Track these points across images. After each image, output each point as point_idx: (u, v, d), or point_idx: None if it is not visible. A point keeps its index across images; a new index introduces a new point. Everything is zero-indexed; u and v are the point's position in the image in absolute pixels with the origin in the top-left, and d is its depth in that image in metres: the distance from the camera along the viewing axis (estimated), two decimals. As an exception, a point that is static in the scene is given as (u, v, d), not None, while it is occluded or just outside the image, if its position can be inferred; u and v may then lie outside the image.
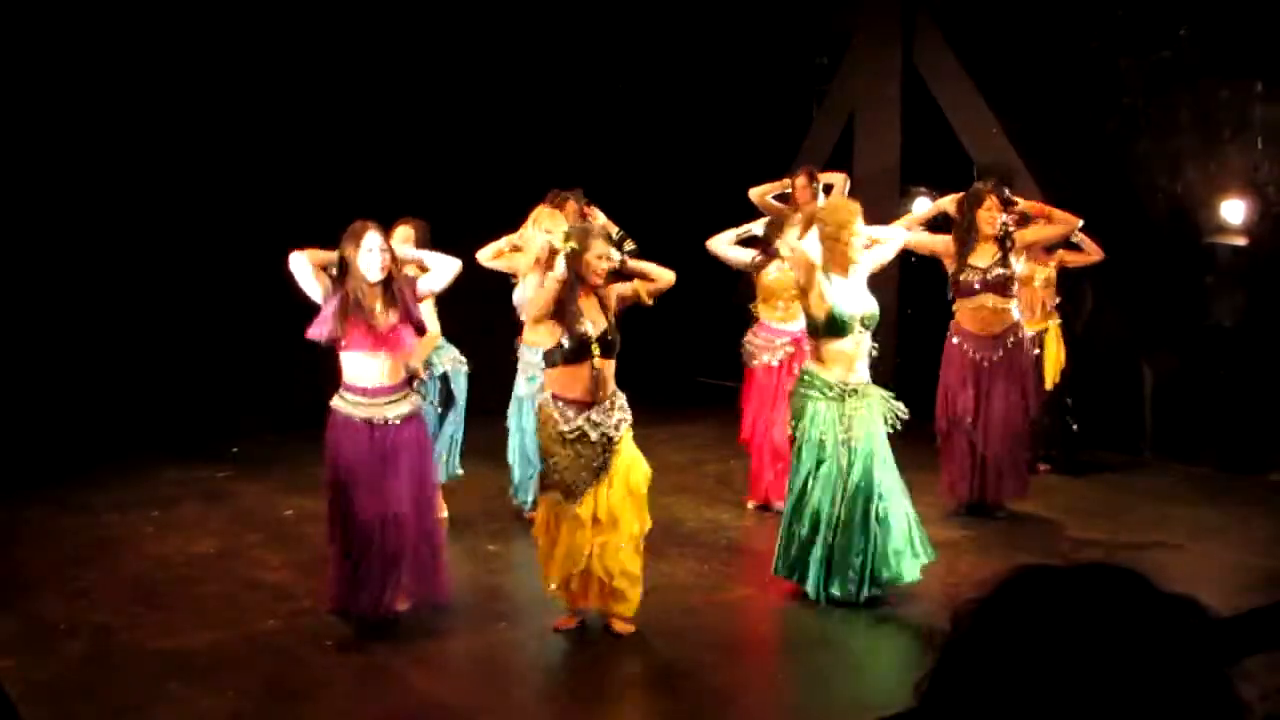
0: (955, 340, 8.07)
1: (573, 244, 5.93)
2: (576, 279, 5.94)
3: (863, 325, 6.44)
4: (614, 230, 6.35)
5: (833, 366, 6.44)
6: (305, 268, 5.98)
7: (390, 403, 6.06)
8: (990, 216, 7.87)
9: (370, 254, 5.93)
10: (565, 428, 5.94)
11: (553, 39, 11.95)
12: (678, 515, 8.16)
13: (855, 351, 6.46)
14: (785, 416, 6.97)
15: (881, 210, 10.85)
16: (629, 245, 6.07)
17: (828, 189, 8.71)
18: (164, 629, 6.29)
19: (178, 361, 10.12)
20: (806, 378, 6.51)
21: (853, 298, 6.43)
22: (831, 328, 6.38)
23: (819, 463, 6.39)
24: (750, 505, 8.41)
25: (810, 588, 6.46)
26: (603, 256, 5.93)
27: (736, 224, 8.22)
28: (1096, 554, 7.15)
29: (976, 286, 7.89)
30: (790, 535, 6.52)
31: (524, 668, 6.04)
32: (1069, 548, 7.48)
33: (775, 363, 8.16)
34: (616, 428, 5.99)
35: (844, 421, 6.41)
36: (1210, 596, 1.19)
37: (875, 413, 6.51)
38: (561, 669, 6.00)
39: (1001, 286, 7.89)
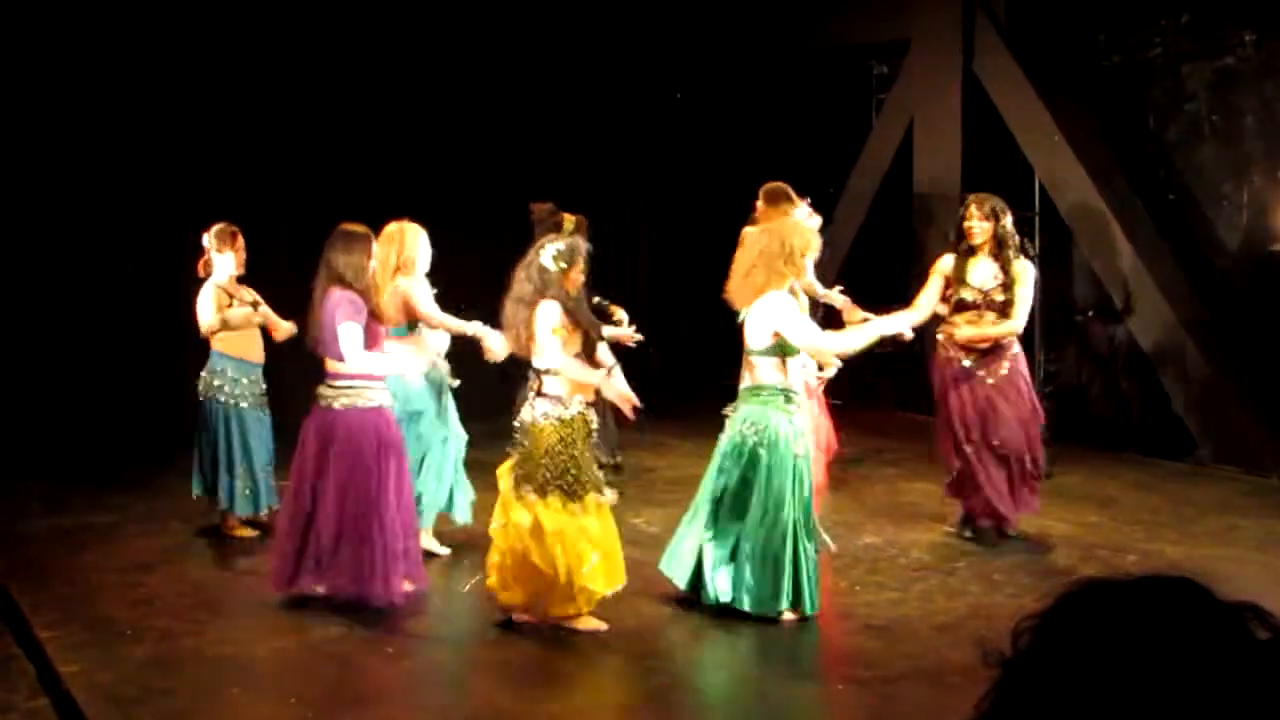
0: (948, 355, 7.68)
1: (561, 263, 6.17)
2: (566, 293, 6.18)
3: None
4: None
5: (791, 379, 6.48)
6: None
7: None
8: (970, 226, 7.50)
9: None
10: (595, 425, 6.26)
11: (615, 49, 11.98)
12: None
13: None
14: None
15: (943, 217, 10.85)
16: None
17: None
18: (227, 635, 6.35)
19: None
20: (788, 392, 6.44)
21: None
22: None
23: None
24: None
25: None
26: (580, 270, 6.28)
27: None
28: (1163, 566, 7.07)
29: (979, 304, 7.53)
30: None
31: (584, 673, 6.04)
32: (1135, 559, 7.40)
33: None
34: None
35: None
36: (1277, 610, 1.17)
37: None
38: (622, 673, 5.99)
39: (1002, 308, 7.50)
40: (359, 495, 6.39)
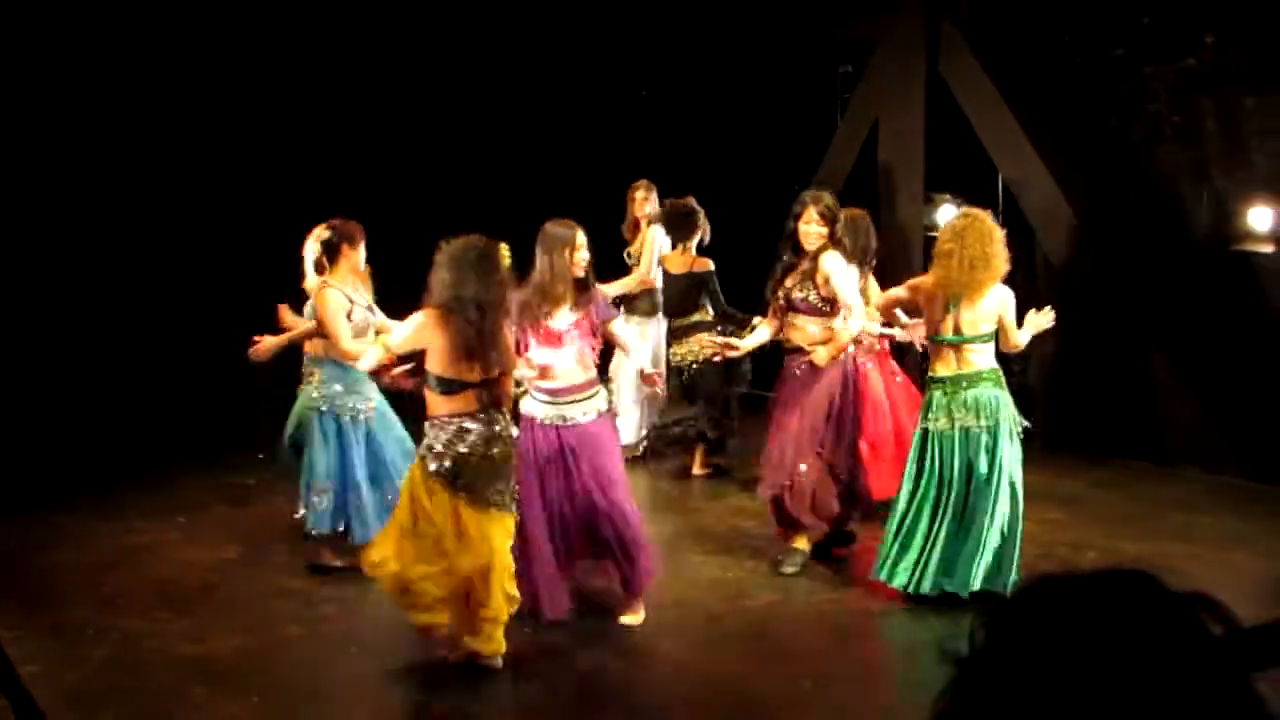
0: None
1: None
2: None
3: None
4: None
5: None
6: None
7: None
8: (806, 230, 7.15)
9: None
10: None
11: (577, 45, 11.97)
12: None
13: None
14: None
15: (907, 217, 10.90)
16: None
17: None
18: (190, 634, 6.33)
19: (204, 368, 10.17)
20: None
21: None
22: None
23: None
24: None
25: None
26: None
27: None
28: (1122, 563, 7.11)
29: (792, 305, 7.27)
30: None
31: (551, 672, 6.03)
32: (1095, 557, 7.45)
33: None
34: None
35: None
36: (1234, 605, 1.19)
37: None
38: (591, 673, 5.99)
39: (806, 307, 7.21)
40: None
